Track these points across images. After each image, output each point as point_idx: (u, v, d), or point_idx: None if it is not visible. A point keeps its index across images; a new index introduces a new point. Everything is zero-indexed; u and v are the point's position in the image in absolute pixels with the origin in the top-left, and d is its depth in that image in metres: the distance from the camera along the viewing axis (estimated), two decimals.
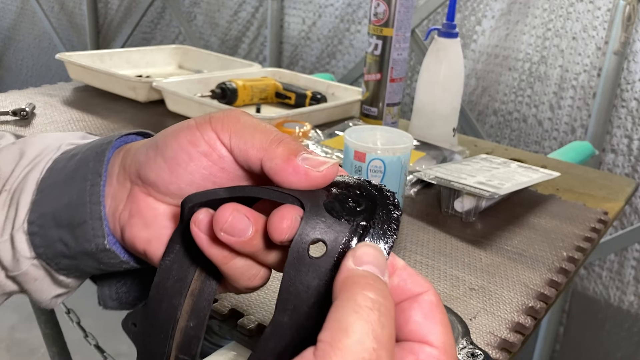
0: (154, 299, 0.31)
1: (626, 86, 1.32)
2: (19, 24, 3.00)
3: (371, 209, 0.28)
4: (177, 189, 0.32)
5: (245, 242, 0.29)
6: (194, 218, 0.29)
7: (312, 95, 1.14)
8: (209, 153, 0.31)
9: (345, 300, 0.23)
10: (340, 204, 0.28)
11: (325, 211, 0.27)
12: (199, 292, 0.32)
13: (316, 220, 0.27)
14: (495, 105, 1.54)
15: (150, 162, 0.33)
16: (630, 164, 1.35)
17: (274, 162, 0.29)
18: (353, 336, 0.22)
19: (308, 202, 0.27)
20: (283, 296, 0.26)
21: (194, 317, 0.32)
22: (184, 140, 0.32)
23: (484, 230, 0.72)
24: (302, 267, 0.26)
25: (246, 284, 0.32)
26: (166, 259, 0.32)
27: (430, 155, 0.88)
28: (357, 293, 0.23)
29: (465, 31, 1.54)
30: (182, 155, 0.32)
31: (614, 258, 1.39)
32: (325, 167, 0.29)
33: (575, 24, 1.37)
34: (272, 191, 0.29)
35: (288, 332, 0.26)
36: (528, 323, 0.55)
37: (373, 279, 0.24)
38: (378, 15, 0.94)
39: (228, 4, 2.10)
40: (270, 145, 0.30)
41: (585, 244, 0.71)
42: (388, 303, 0.24)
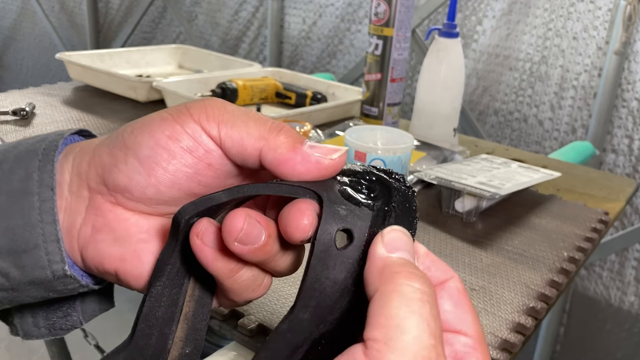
0: (143, 332, 0.27)
1: (627, 86, 1.32)
2: (19, 24, 3.00)
3: (387, 193, 0.26)
4: (155, 193, 0.28)
5: (259, 249, 0.26)
6: (195, 230, 0.26)
7: (312, 95, 1.14)
8: (194, 148, 0.28)
9: (390, 292, 0.22)
10: (355, 191, 0.26)
11: (344, 199, 0.26)
12: (193, 314, 0.29)
13: (336, 209, 0.25)
14: (495, 105, 1.54)
15: (120, 165, 0.28)
16: (631, 164, 1.35)
17: (278, 152, 0.27)
18: (409, 333, 0.20)
19: (324, 192, 0.26)
20: (307, 293, 0.24)
21: (190, 343, 0.29)
22: (161, 136, 0.28)
23: (485, 230, 0.72)
24: (330, 260, 0.24)
25: (249, 296, 0.29)
26: (156, 284, 0.27)
27: (431, 155, 0.88)
28: (402, 284, 0.22)
29: (466, 31, 1.54)
30: (160, 153, 0.28)
31: (615, 258, 1.39)
32: (338, 155, 0.27)
33: (576, 24, 1.37)
34: (281, 185, 0.26)
35: (307, 328, 0.24)
36: (529, 323, 0.55)
37: (413, 267, 0.23)
38: (378, 15, 0.94)
39: (229, 4, 2.10)
40: (270, 134, 0.27)
41: (586, 244, 0.71)
42: (433, 292, 0.23)
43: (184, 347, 0.28)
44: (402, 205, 0.26)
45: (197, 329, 0.29)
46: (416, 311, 0.21)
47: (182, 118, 0.28)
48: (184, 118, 0.28)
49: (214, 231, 0.26)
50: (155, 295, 0.27)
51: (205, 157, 0.28)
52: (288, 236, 0.26)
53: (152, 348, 0.27)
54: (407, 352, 0.20)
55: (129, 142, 0.28)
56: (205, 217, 0.27)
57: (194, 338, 0.29)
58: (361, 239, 0.25)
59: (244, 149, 0.27)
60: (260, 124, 0.28)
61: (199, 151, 0.28)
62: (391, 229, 0.25)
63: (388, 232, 0.25)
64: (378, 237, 0.25)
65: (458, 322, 0.25)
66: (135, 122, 0.29)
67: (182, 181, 0.28)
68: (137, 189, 0.28)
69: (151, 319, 0.27)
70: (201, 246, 0.26)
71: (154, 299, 0.27)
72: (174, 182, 0.28)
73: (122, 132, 0.29)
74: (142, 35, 2.44)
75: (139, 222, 0.29)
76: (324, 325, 0.24)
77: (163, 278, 0.27)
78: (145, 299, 0.27)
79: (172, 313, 0.28)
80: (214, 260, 0.27)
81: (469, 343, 0.24)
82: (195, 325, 0.29)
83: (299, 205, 0.26)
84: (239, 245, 0.25)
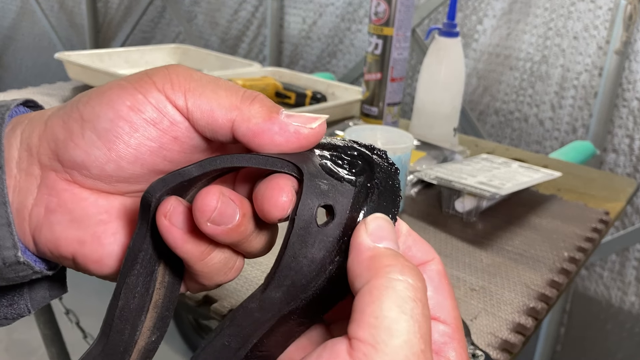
0: (118, 329, 0.25)
1: (627, 86, 1.32)
2: (18, 24, 2.99)
3: (369, 169, 0.25)
4: (115, 169, 0.26)
5: (233, 229, 0.24)
6: (163, 210, 0.24)
7: (312, 95, 1.14)
8: (158, 120, 0.25)
9: (380, 288, 0.20)
10: (336, 165, 0.25)
11: (325, 173, 0.24)
12: (162, 302, 0.27)
13: (317, 184, 0.23)
14: (496, 104, 1.53)
15: (76, 139, 0.25)
16: (632, 164, 1.34)
17: (252, 122, 0.24)
18: (400, 337, 0.19)
19: (304, 165, 0.24)
20: (282, 272, 0.23)
21: (157, 330, 0.27)
22: (122, 107, 0.25)
23: (485, 230, 0.72)
24: (309, 238, 0.23)
25: (221, 280, 0.27)
26: (131, 274, 0.25)
27: (431, 155, 0.88)
28: (395, 280, 0.21)
29: (466, 30, 1.54)
30: (121, 125, 0.25)
31: (615, 258, 1.39)
32: (318, 124, 0.25)
33: (577, 24, 1.37)
34: (258, 157, 0.24)
35: (277, 306, 0.23)
36: (529, 324, 0.55)
37: (404, 259, 0.22)
38: (378, 14, 0.94)
39: (228, 3, 2.10)
40: (243, 103, 0.25)
41: (586, 244, 0.70)
42: (425, 287, 0.21)
43: (150, 335, 0.27)
44: (385, 183, 0.25)
45: (164, 316, 0.27)
46: (408, 312, 0.20)
47: (144, 87, 0.25)
48: (146, 87, 0.25)
49: (183, 210, 0.24)
50: (130, 286, 0.25)
51: (171, 130, 0.25)
52: (265, 214, 0.24)
53: (123, 343, 0.26)
54: (395, 358, 0.19)
55: (86, 113, 0.25)
56: (173, 195, 0.25)
57: (160, 326, 0.27)
58: (343, 216, 0.23)
59: (214, 121, 0.25)
60: (231, 92, 0.25)
61: (164, 123, 0.25)
62: (374, 217, 0.23)
63: (371, 220, 0.23)
64: (361, 225, 0.23)
65: (437, 309, 0.24)
66: (91, 91, 0.27)
67: (145, 156, 0.26)
68: (95, 165, 0.26)
69: (125, 312, 0.25)
70: (169, 227, 0.24)
71: (128, 290, 0.25)
72: (137, 158, 0.26)
73: (77, 102, 0.26)
74: (141, 35, 2.44)
75: (97, 202, 0.27)
76: (295, 302, 0.23)
77: (137, 266, 0.25)
78: (121, 291, 0.25)
79: (144, 303, 0.26)
80: (183, 242, 0.24)
81: (447, 332, 0.24)
82: (163, 313, 0.27)
83: (276, 180, 0.24)
84: (211, 226, 0.23)
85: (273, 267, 0.23)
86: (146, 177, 0.26)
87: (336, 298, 0.24)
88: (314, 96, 1.14)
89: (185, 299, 0.55)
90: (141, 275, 0.26)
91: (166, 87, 0.25)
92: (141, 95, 0.25)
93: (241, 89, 0.26)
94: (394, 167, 0.26)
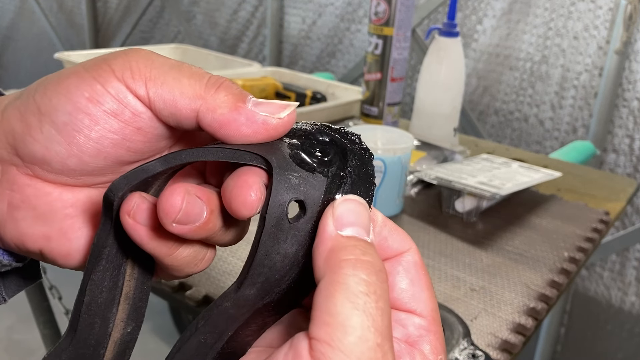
0: (86, 323, 0.25)
1: (628, 86, 1.32)
2: (17, 23, 2.99)
3: (342, 156, 0.24)
4: (77, 163, 0.25)
5: (200, 227, 0.23)
6: (126, 207, 0.23)
7: (312, 95, 1.14)
8: (119, 111, 0.24)
9: (334, 284, 0.20)
10: (308, 154, 0.24)
11: (295, 165, 0.23)
12: (134, 292, 0.27)
13: (287, 177, 0.23)
14: (496, 104, 1.53)
15: (34, 133, 0.24)
16: (632, 164, 1.34)
17: (218, 112, 0.23)
18: (354, 333, 0.19)
19: (273, 157, 0.23)
20: (255, 270, 0.22)
21: (132, 321, 0.27)
22: (80, 98, 0.24)
23: (485, 230, 0.72)
24: (281, 234, 0.22)
25: (191, 271, 0.27)
26: (96, 271, 0.25)
27: (431, 155, 0.88)
28: (347, 275, 0.20)
29: (466, 30, 1.54)
30: (81, 118, 0.24)
31: (616, 258, 1.39)
32: (287, 113, 0.24)
33: (577, 23, 1.37)
34: (224, 150, 0.23)
35: (252, 302, 0.23)
36: (529, 324, 0.54)
37: (362, 250, 0.21)
38: (378, 14, 0.93)
39: (227, 3, 2.10)
40: (207, 92, 0.24)
41: (586, 245, 0.70)
42: (382, 280, 0.21)
43: (125, 327, 0.26)
44: (359, 170, 0.24)
45: (138, 307, 0.27)
46: (360, 307, 0.20)
47: (102, 75, 0.24)
48: (105, 75, 0.24)
49: (147, 207, 0.23)
50: (96, 282, 0.25)
51: (133, 121, 0.24)
52: (233, 212, 0.23)
53: (95, 336, 0.25)
54: (351, 354, 0.19)
55: (43, 105, 0.24)
56: (137, 191, 0.24)
57: (135, 317, 0.27)
58: (314, 210, 0.23)
59: (177, 111, 0.24)
60: (195, 79, 0.24)
61: (126, 114, 0.24)
62: (344, 199, 0.23)
63: (340, 203, 0.22)
64: (329, 209, 0.22)
65: (413, 301, 0.24)
66: (48, 79, 0.25)
67: (108, 149, 0.24)
68: (56, 160, 0.24)
69: (93, 307, 0.25)
70: (134, 225, 0.23)
71: (95, 286, 0.25)
72: (99, 151, 0.24)
73: (34, 92, 0.25)
74: (140, 35, 2.44)
75: (62, 196, 0.26)
76: (269, 296, 0.23)
77: (102, 262, 0.25)
78: (86, 287, 0.25)
79: (113, 296, 0.26)
80: (149, 239, 0.24)
81: (423, 324, 0.23)
82: (136, 304, 0.27)
83: (244, 177, 0.23)
84: (177, 226, 0.23)
85: (246, 264, 0.23)
86: (111, 169, 0.26)
87: (310, 288, 0.24)
88: (314, 96, 1.13)
89: (185, 299, 0.55)
90: (108, 270, 0.25)
91: (126, 75, 0.24)
92: (100, 86, 0.24)
93: (206, 74, 0.25)
94: (367, 153, 0.25)
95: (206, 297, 0.56)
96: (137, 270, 0.27)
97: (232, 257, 0.61)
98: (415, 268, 0.24)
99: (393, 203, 0.73)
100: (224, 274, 0.59)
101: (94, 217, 0.27)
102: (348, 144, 0.25)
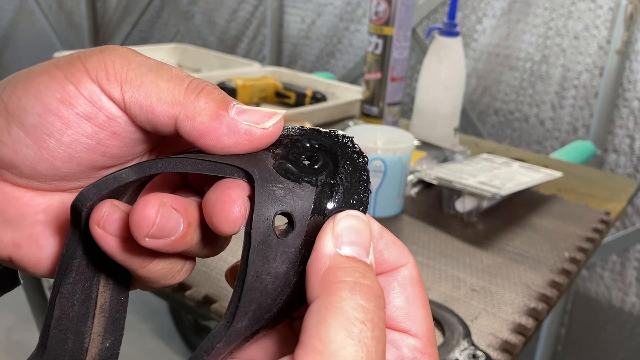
0: (57, 338, 0.23)
1: (628, 86, 1.31)
2: (16, 23, 2.99)
3: (332, 162, 0.22)
4: (48, 168, 0.23)
5: (176, 241, 0.22)
6: (96, 217, 0.21)
7: (312, 95, 1.13)
8: (93, 115, 0.22)
9: (329, 308, 0.19)
10: (294, 163, 0.22)
11: (280, 176, 0.21)
12: (109, 305, 0.25)
13: (272, 189, 0.21)
14: (496, 104, 1.53)
15: (1, 135, 0.22)
16: (633, 164, 1.34)
17: (198, 120, 0.22)
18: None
19: (255, 169, 0.21)
20: (247, 297, 0.21)
21: (110, 336, 0.25)
22: (51, 99, 0.22)
23: (486, 230, 0.72)
24: (270, 252, 0.21)
25: (167, 283, 0.25)
26: (66, 283, 0.23)
27: (431, 155, 0.87)
28: (344, 299, 0.19)
29: (466, 30, 1.54)
30: (52, 121, 0.22)
31: (616, 259, 1.39)
32: (273, 123, 0.22)
33: (577, 23, 1.37)
34: (203, 162, 0.21)
35: (242, 334, 0.21)
36: (529, 324, 0.54)
37: (361, 273, 0.20)
38: (379, 14, 0.93)
39: (227, 3, 2.10)
40: (187, 97, 0.22)
41: (587, 245, 0.70)
42: (380, 307, 0.20)
43: (103, 341, 0.25)
44: (351, 177, 0.22)
45: (116, 319, 0.25)
46: (355, 336, 0.18)
47: (75, 75, 0.22)
48: (78, 75, 0.22)
49: (119, 217, 0.21)
50: (66, 295, 0.23)
51: (108, 125, 0.23)
52: (215, 229, 0.21)
53: (69, 352, 0.24)
54: None
55: (11, 106, 0.22)
56: (108, 199, 0.22)
57: (113, 330, 0.25)
58: (303, 223, 0.21)
59: (154, 117, 0.22)
60: (174, 84, 0.22)
61: (100, 118, 0.22)
62: (346, 214, 0.21)
63: (341, 219, 0.21)
64: (329, 223, 0.21)
65: (408, 320, 0.22)
66: (18, 76, 0.23)
67: (81, 154, 0.23)
68: (25, 164, 0.23)
69: (64, 321, 0.23)
70: (104, 236, 0.21)
71: (65, 299, 0.23)
72: (72, 156, 0.23)
73: (2, 90, 0.23)
74: (139, 35, 2.44)
75: (33, 201, 0.24)
76: (258, 324, 0.21)
77: (72, 274, 0.23)
78: (55, 300, 0.23)
79: (87, 309, 0.24)
80: (121, 250, 0.22)
81: (418, 346, 0.22)
82: (113, 316, 0.25)
83: (227, 190, 0.21)
84: (151, 241, 0.21)
85: (235, 292, 0.21)
86: (85, 174, 0.24)
87: (299, 305, 0.23)
88: (314, 96, 1.13)
89: (185, 299, 0.55)
90: (79, 282, 0.24)
91: (100, 76, 0.22)
92: (72, 86, 0.22)
93: (187, 78, 0.23)
94: (361, 157, 0.23)
95: (206, 297, 0.55)
96: (112, 281, 0.25)
97: (231, 257, 0.61)
98: (411, 284, 0.23)
99: (393, 203, 0.73)
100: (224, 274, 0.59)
101: (66, 223, 0.25)
102: (339, 148, 0.23)
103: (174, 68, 0.23)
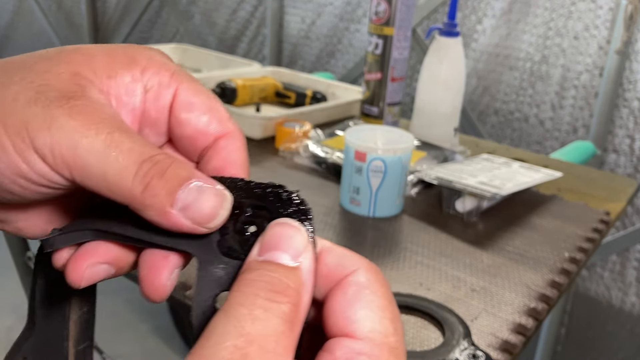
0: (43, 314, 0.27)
1: (628, 86, 1.32)
2: (16, 23, 2.99)
3: (262, 214, 0.23)
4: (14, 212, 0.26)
5: (109, 277, 0.24)
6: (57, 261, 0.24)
7: (312, 95, 1.13)
8: (47, 183, 0.23)
9: (221, 309, 0.19)
10: (239, 235, 0.23)
11: (221, 255, 0.22)
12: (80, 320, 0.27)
13: (213, 271, 0.22)
14: (496, 104, 1.53)
15: None
16: (633, 164, 1.34)
17: (146, 214, 0.22)
18: (212, 338, 0.18)
19: (199, 251, 0.22)
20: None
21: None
22: (6, 171, 0.22)
23: (486, 230, 0.72)
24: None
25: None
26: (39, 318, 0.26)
27: (432, 155, 0.87)
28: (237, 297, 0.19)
29: (466, 30, 1.54)
30: (10, 186, 0.23)
31: (616, 259, 1.39)
32: (218, 220, 0.22)
33: (577, 23, 1.37)
34: (157, 237, 0.23)
35: None
36: (529, 324, 0.54)
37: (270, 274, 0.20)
38: (379, 14, 0.93)
39: (226, 3, 2.10)
40: (134, 189, 0.22)
41: (587, 245, 0.70)
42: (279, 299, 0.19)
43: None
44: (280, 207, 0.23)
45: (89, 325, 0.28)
46: (232, 316, 0.19)
47: (24, 152, 0.22)
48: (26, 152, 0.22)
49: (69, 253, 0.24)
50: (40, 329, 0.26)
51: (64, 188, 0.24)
52: (144, 295, 0.23)
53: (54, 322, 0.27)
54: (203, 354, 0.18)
55: None
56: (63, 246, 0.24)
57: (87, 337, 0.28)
58: None
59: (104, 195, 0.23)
60: (123, 171, 0.22)
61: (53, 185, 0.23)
62: (275, 223, 0.22)
63: (271, 227, 0.22)
64: (260, 238, 0.22)
65: (346, 324, 0.21)
66: None
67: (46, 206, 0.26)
68: None
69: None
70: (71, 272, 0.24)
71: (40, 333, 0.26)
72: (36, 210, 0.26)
73: None
74: (139, 35, 2.44)
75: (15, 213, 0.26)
76: None
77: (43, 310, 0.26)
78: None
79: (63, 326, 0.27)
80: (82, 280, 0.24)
81: (356, 347, 0.20)
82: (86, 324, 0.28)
83: (160, 258, 0.23)
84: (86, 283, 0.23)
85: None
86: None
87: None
88: (314, 96, 1.13)
89: (185, 298, 0.55)
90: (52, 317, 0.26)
91: (47, 156, 0.22)
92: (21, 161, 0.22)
93: (134, 158, 0.22)
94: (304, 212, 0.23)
95: None
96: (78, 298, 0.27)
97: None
98: (355, 289, 0.22)
99: (393, 203, 0.73)
100: None
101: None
102: (280, 207, 0.23)
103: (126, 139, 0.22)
